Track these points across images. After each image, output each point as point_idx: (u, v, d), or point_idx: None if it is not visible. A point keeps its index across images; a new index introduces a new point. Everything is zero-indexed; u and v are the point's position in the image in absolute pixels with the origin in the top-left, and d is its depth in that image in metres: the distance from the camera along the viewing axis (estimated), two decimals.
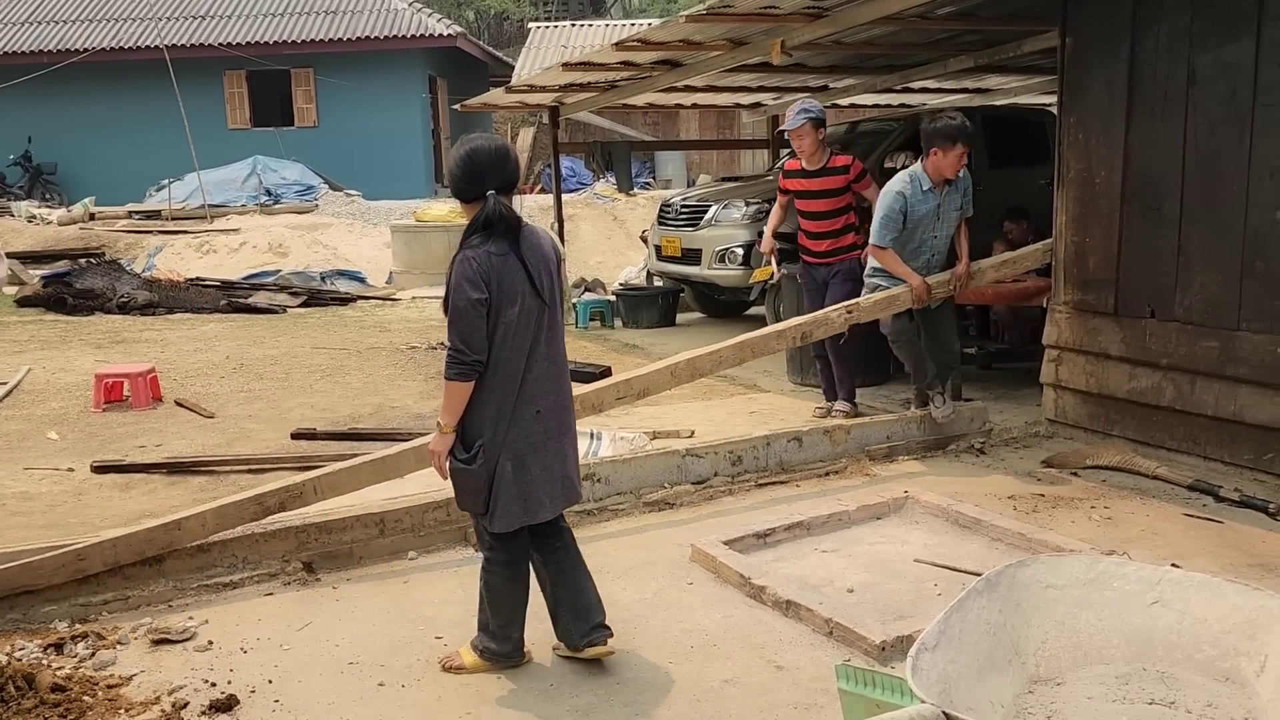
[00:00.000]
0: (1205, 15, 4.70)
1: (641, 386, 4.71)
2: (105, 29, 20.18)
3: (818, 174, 5.78)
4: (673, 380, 4.85)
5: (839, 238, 5.81)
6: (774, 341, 5.19)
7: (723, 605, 3.60)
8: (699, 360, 4.89)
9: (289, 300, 12.12)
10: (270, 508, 3.86)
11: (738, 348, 5.00)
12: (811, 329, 5.20)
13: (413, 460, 4.07)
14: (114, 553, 3.61)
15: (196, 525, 3.74)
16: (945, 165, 5.15)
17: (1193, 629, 2.08)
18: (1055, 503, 4.56)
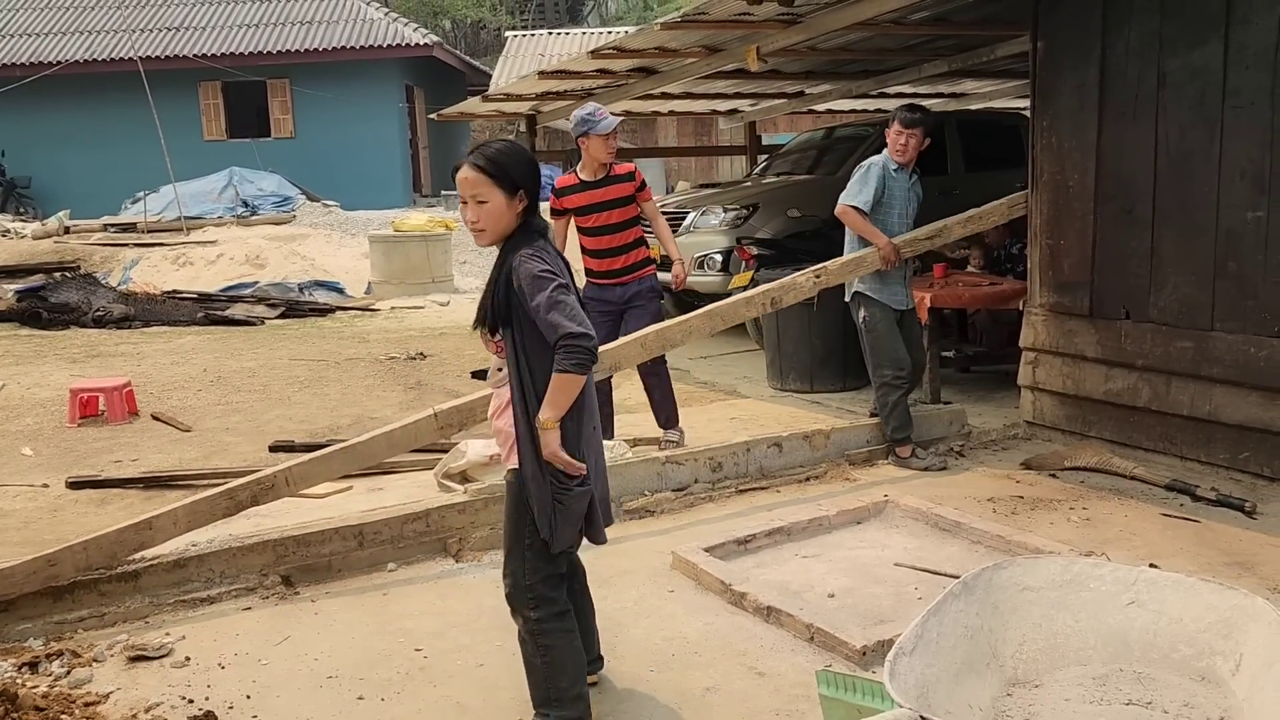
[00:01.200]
0: (1174, 19, 4.74)
1: (612, 361, 4.57)
2: (79, 41, 20.06)
3: (602, 184, 5.28)
4: (643, 352, 4.74)
5: (632, 251, 5.35)
6: (742, 309, 5.11)
7: (704, 612, 3.60)
8: (669, 331, 4.80)
9: (266, 312, 12.05)
10: (242, 502, 3.84)
11: (707, 316, 4.97)
12: (780, 294, 5.12)
13: (384, 446, 4.11)
14: (85, 556, 3.56)
15: (168, 523, 3.71)
16: (892, 141, 5.27)
17: (1169, 629, 2.09)
18: (1034, 504, 4.58)
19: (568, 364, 2.59)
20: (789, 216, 8.52)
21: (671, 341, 4.80)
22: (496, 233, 2.75)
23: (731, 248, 8.41)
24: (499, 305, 2.71)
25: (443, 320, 11.70)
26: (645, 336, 4.68)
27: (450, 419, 4.21)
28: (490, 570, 4.04)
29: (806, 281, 5.12)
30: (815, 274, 5.10)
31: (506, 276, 2.68)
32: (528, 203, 2.74)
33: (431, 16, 31.13)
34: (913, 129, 5.21)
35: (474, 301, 12.99)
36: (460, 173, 2.72)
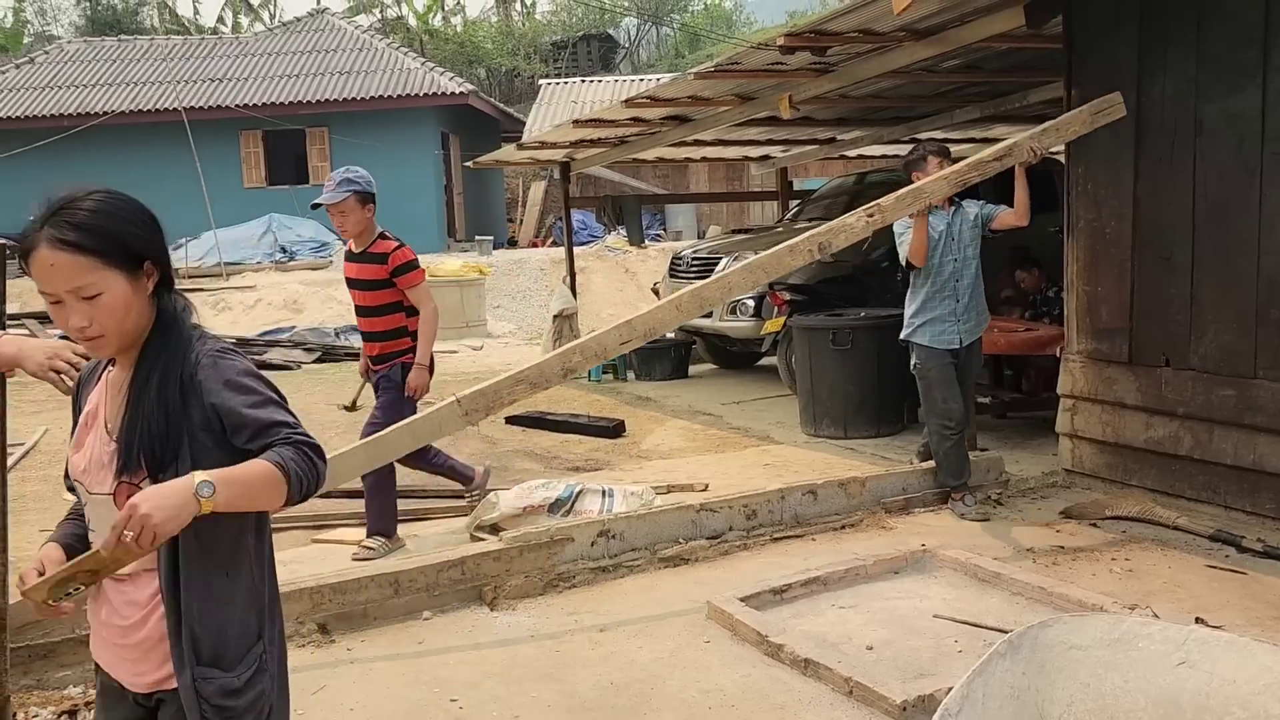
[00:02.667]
0: (1210, 66, 4.73)
1: (646, 326, 4.19)
2: (124, 92, 20.58)
3: (358, 259, 4.78)
4: (678, 314, 4.32)
5: (386, 341, 4.78)
6: (787, 258, 4.45)
7: (740, 664, 3.56)
8: (706, 290, 4.33)
9: (303, 356, 12.19)
10: None
11: (747, 271, 4.43)
12: (830, 238, 4.48)
13: (407, 438, 3.97)
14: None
15: None
16: None
17: (1222, 690, 2.04)
18: (1075, 555, 4.51)
19: (286, 459, 1.75)
20: (821, 262, 8.51)
21: (709, 300, 4.36)
22: (124, 334, 1.79)
23: (764, 293, 8.41)
24: (158, 436, 1.75)
25: (477, 365, 11.77)
26: (681, 297, 4.23)
27: (475, 404, 3.94)
28: (525, 619, 4.03)
29: (859, 222, 4.49)
30: (869, 213, 4.49)
31: (173, 392, 1.76)
32: (159, 275, 1.84)
33: (467, 65, 31.70)
34: (916, 169, 5.11)
35: (508, 346, 13.05)
36: (38, 257, 1.73)
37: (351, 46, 21.83)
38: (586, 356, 4.13)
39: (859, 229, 4.51)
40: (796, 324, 7.35)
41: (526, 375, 4.01)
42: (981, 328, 5.25)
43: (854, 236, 4.56)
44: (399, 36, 30.54)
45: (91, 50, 22.94)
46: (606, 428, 7.47)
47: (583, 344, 4.14)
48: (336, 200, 4.67)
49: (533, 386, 4.05)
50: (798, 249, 4.42)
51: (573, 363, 4.09)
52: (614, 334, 4.16)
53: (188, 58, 21.97)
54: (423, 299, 4.73)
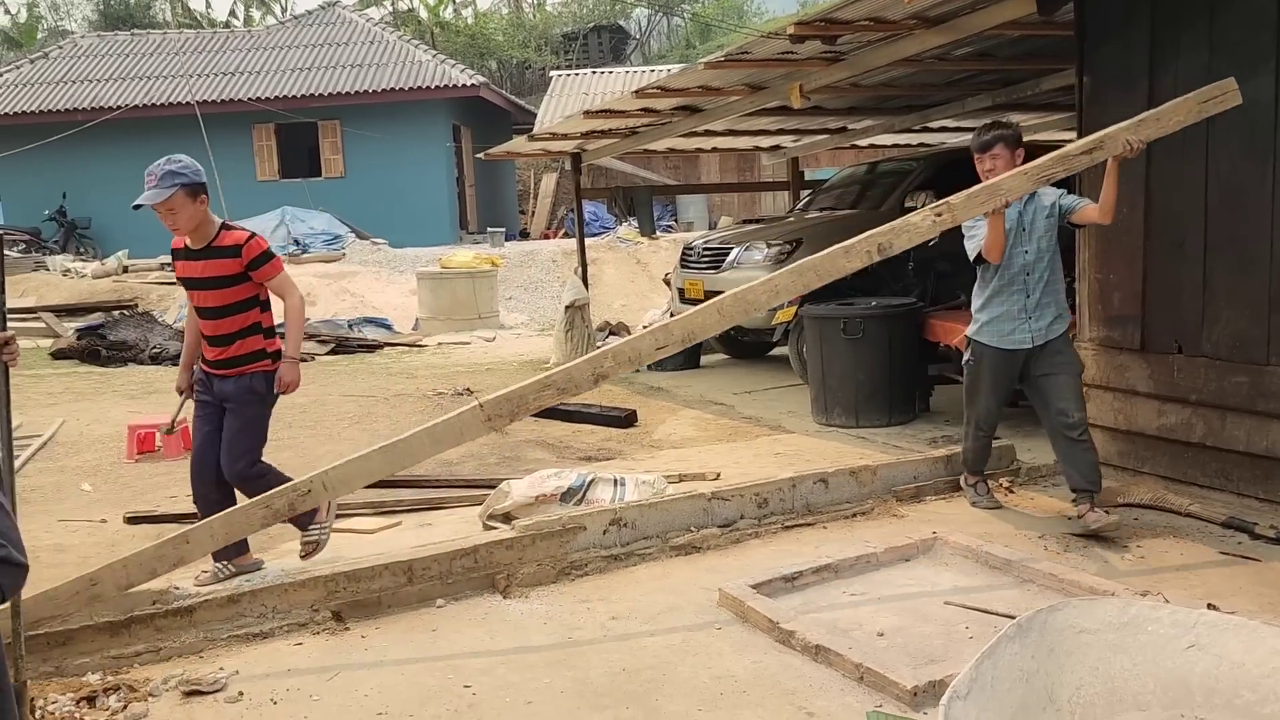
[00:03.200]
0: (1223, 52, 4.71)
1: (685, 331, 3.88)
2: (137, 87, 20.66)
3: (202, 255, 4.23)
4: (720, 318, 3.95)
5: (237, 342, 4.25)
6: (842, 260, 3.99)
7: (751, 651, 3.58)
8: (750, 293, 3.95)
9: (317, 348, 12.25)
10: (279, 510, 3.71)
11: (796, 273, 4.00)
12: (892, 239, 3.99)
13: (427, 443, 3.80)
14: (125, 573, 3.57)
15: (205, 536, 3.68)
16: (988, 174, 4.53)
17: (1231, 674, 2.04)
18: (1087, 542, 4.50)
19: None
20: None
21: (755, 304, 4.00)
22: None
23: None
24: None
25: (488, 356, 11.81)
26: (723, 301, 3.91)
27: (499, 409, 3.75)
28: (538, 606, 4.05)
29: (924, 221, 4.02)
30: (936, 211, 4.02)
31: None
32: None
33: (478, 57, 31.70)
34: (985, 153, 4.61)
35: (520, 337, 13.16)
36: None
37: (363, 39, 21.87)
38: (619, 362, 3.88)
39: (924, 229, 4.02)
40: (808, 313, 7.35)
41: (554, 380, 3.80)
42: (1062, 325, 4.66)
43: (918, 237, 4.09)
44: (410, 29, 30.54)
45: (105, 45, 23.04)
46: (618, 417, 7.49)
47: (616, 349, 3.90)
48: (162, 198, 4.08)
49: (560, 392, 3.83)
50: (854, 250, 3.98)
51: (604, 368, 3.85)
52: (649, 339, 3.89)
53: (200, 51, 22.05)
54: (286, 289, 4.29)
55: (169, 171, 4.15)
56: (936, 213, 4.03)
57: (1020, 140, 4.61)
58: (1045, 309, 4.61)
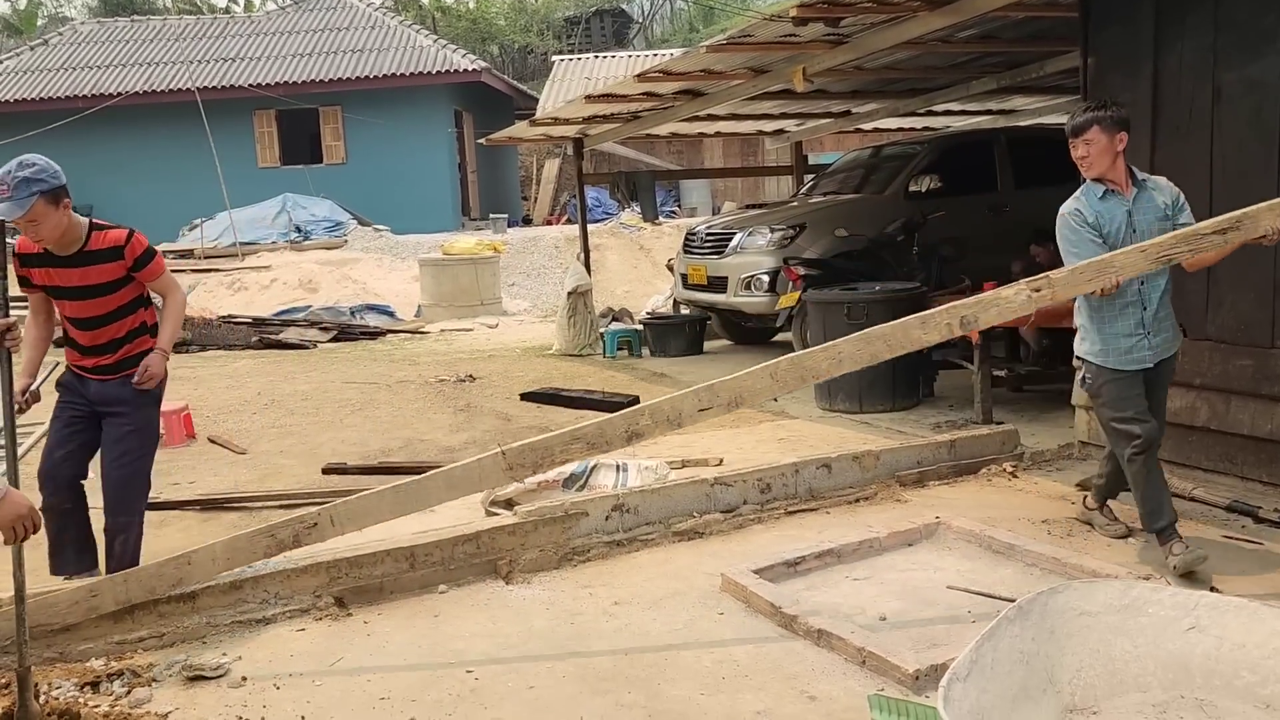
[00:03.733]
0: (1229, 33, 4.67)
1: (731, 394, 3.52)
2: (137, 73, 20.62)
3: (75, 262, 3.78)
4: (773, 383, 3.58)
5: (120, 348, 3.93)
6: (917, 330, 3.54)
7: (754, 635, 3.58)
8: (810, 359, 3.56)
9: (319, 335, 12.26)
10: (284, 541, 3.67)
11: (864, 341, 3.55)
12: (978, 311, 3.54)
13: (442, 487, 3.71)
14: (125, 589, 3.56)
15: (207, 559, 3.66)
16: (1082, 161, 3.99)
17: (1231, 655, 2.04)
18: (1089, 527, 4.50)
19: None
20: (836, 236, 8.50)
21: (815, 370, 3.63)
22: None
23: (778, 268, 8.40)
24: None
25: (491, 343, 11.81)
26: (778, 365, 3.55)
27: (522, 459, 3.55)
28: (540, 592, 4.06)
29: (1018, 296, 3.52)
30: (1034, 286, 3.52)
31: None
32: None
33: (480, 42, 31.59)
34: (1078, 136, 3.97)
35: (522, 324, 13.15)
36: None
37: (364, 24, 21.79)
38: (657, 420, 3.53)
39: (1017, 304, 3.52)
40: (811, 298, 7.33)
41: (584, 434, 3.54)
42: (1178, 340, 4.15)
43: (1009, 312, 3.60)
44: (411, 14, 30.43)
45: (105, 31, 22.99)
46: (621, 404, 7.48)
47: (654, 406, 3.56)
48: (19, 214, 3.53)
49: (590, 447, 3.58)
50: (932, 322, 3.53)
51: (640, 426, 3.54)
52: (692, 398, 3.53)
53: (200, 37, 21.99)
54: (170, 287, 3.99)
55: (23, 179, 3.53)
56: (1034, 288, 3.51)
57: (1124, 123, 3.95)
58: (1163, 322, 4.04)
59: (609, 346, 10.03)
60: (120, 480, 3.97)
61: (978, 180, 8.97)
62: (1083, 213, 3.98)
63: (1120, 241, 3.88)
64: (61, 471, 3.95)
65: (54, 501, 3.94)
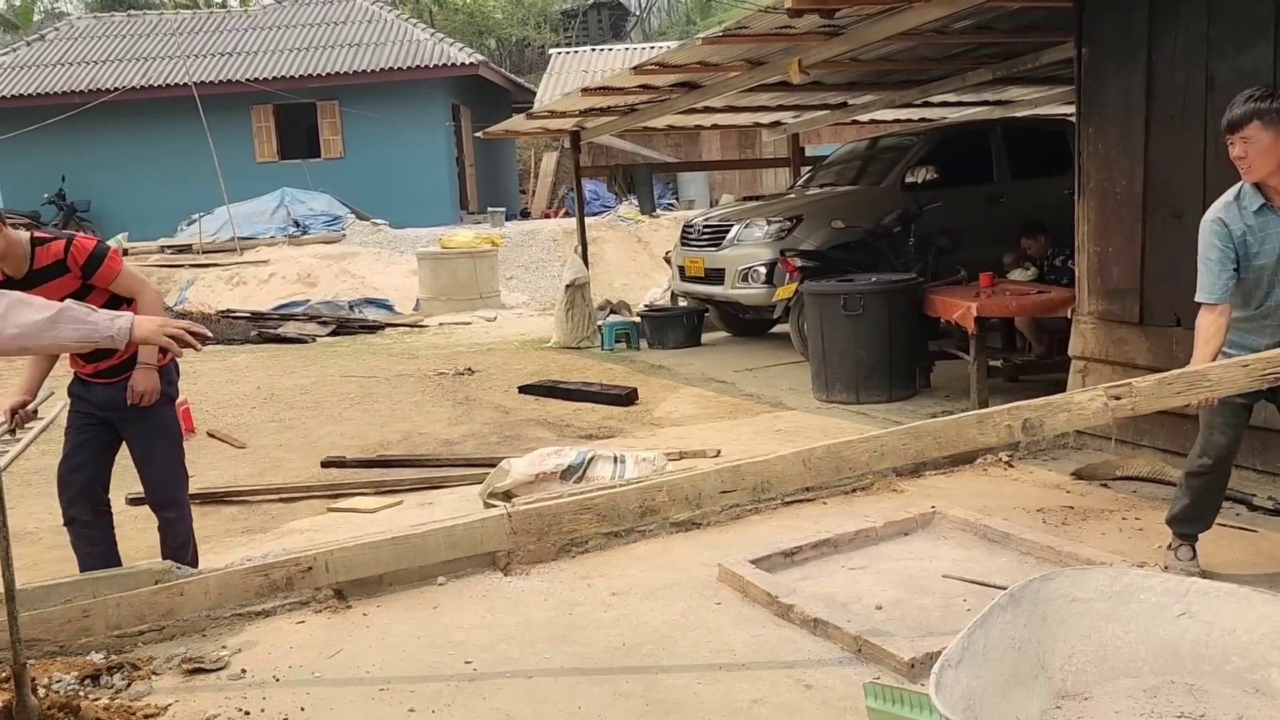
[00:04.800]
0: (1221, 22, 4.68)
1: (759, 479, 3.35)
2: (134, 68, 20.58)
3: (26, 282, 3.52)
4: (805, 470, 3.38)
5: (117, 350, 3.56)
6: (973, 432, 3.28)
7: (751, 625, 3.60)
8: (850, 450, 3.32)
9: (318, 330, 12.27)
10: (276, 583, 3.55)
11: (912, 436, 3.31)
12: (1043, 416, 3.21)
13: (443, 544, 3.56)
14: (116, 613, 3.50)
15: (199, 592, 3.54)
16: (1239, 161, 3.43)
17: (1221, 640, 2.06)
18: (1085, 515, 4.52)
19: None
20: (833, 228, 8.51)
21: (855, 462, 3.38)
22: None
23: (776, 260, 8.42)
24: None
25: (490, 336, 11.82)
26: (813, 453, 3.33)
27: (527, 524, 3.42)
28: (538, 583, 4.08)
29: (1093, 402, 3.19)
30: (1114, 394, 3.18)
31: None
32: None
33: (477, 36, 31.55)
34: (1235, 132, 3.39)
35: (521, 317, 13.13)
36: None
37: (361, 18, 21.75)
38: (674, 499, 3.36)
39: (1090, 412, 3.21)
40: (808, 290, 7.35)
41: (595, 504, 3.38)
42: None
43: (1079, 421, 3.32)
44: (408, 8, 30.37)
45: (101, 26, 22.95)
46: (619, 396, 7.51)
47: (671, 484, 3.38)
48: None
49: (600, 519, 3.42)
50: (991, 423, 3.24)
51: (656, 502, 3.36)
52: (715, 479, 3.34)
53: (197, 32, 21.96)
54: (135, 286, 3.66)
55: None
56: (1114, 395, 3.16)
57: None
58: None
59: (607, 339, 10.05)
60: (156, 482, 3.92)
61: (974, 171, 8.99)
62: (1228, 224, 3.41)
63: (1271, 269, 3.38)
64: (76, 480, 3.86)
65: (72, 514, 3.89)
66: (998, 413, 3.23)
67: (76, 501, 3.87)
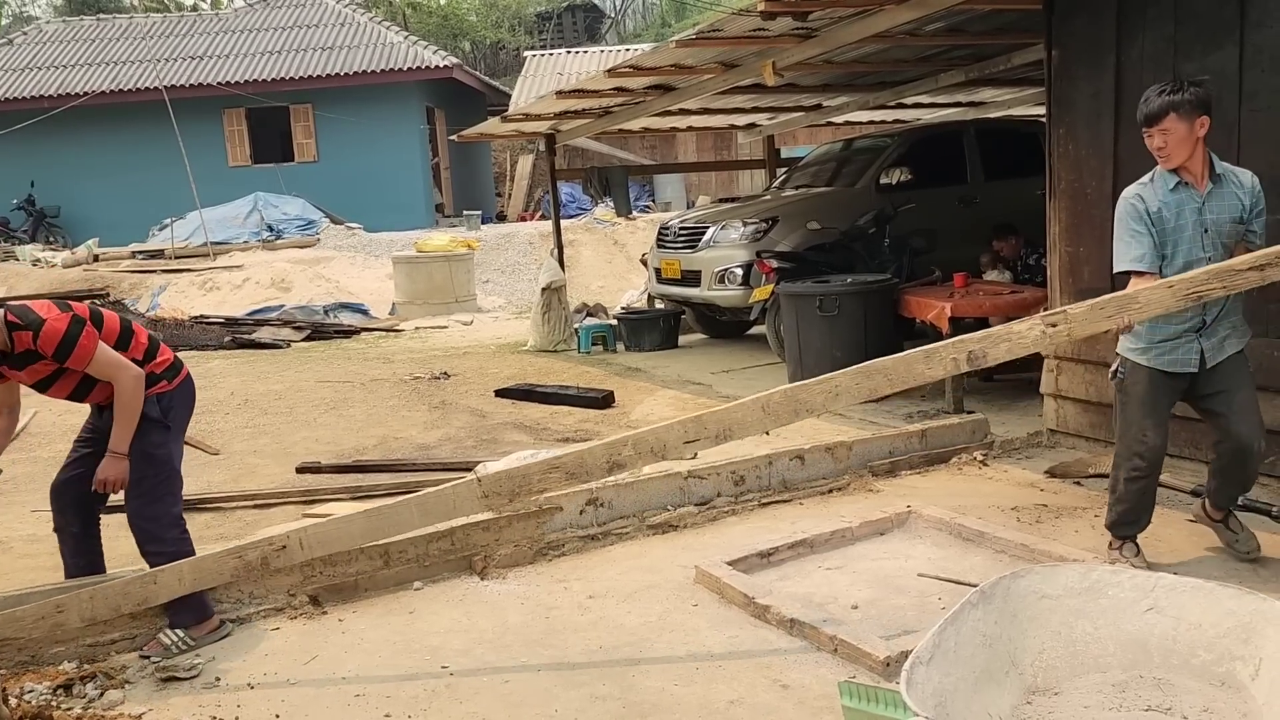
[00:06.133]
0: (1189, 24, 4.74)
1: (719, 426, 3.41)
2: (104, 72, 20.39)
3: (14, 363, 3.52)
4: (764, 416, 3.43)
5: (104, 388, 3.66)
6: (921, 366, 3.36)
7: (728, 626, 3.61)
8: (805, 392, 3.41)
9: (293, 335, 12.19)
10: (251, 564, 3.56)
11: (863, 374, 3.40)
12: (986, 346, 3.33)
13: (415, 514, 3.52)
14: (90, 606, 3.50)
15: (173, 579, 3.55)
16: (1159, 152, 3.63)
17: (1188, 635, 2.09)
18: (1059, 513, 4.56)
19: None
20: (809, 229, 8.55)
21: (810, 404, 3.44)
22: None
23: (752, 261, 8.44)
24: None
25: (466, 339, 11.79)
26: (770, 397, 3.41)
27: (498, 487, 3.40)
28: (515, 586, 4.07)
29: (1031, 330, 3.31)
30: (1050, 321, 3.31)
31: None
32: None
33: (451, 38, 31.45)
34: (1153, 125, 3.59)
35: (497, 320, 13.08)
36: None
37: (333, 21, 21.64)
38: (640, 451, 3.38)
39: (1030, 340, 3.32)
40: (784, 291, 7.38)
41: (563, 463, 3.38)
42: (1242, 341, 3.74)
43: (1020, 349, 3.38)
44: (381, 10, 30.25)
45: (70, 30, 22.71)
46: (596, 399, 7.51)
47: (637, 437, 3.42)
48: None
49: (570, 477, 3.41)
50: (938, 356, 3.35)
51: (622, 456, 3.39)
52: (679, 429, 3.39)
53: (168, 35, 21.77)
54: (111, 369, 3.56)
55: None
56: (1050, 323, 3.29)
57: (1205, 104, 3.56)
58: (1222, 324, 3.67)
59: (583, 342, 10.04)
60: (134, 511, 3.74)
61: (948, 172, 9.06)
62: (1145, 200, 3.62)
63: (1185, 240, 3.58)
64: (66, 490, 3.80)
65: (60, 522, 3.85)
66: (942, 347, 3.34)
67: (67, 511, 3.83)
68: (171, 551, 3.67)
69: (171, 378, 3.81)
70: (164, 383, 3.77)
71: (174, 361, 3.88)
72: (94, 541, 3.91)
